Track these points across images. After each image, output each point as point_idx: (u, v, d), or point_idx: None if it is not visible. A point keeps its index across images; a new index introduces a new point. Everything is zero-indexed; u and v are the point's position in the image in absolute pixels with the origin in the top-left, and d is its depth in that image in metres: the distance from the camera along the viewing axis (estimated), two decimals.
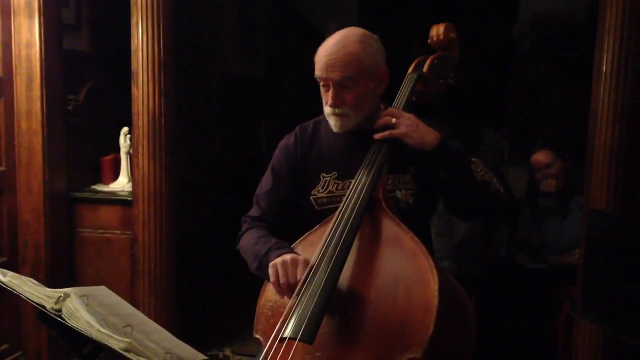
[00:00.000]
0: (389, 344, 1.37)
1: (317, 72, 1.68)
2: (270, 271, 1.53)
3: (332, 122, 1.71)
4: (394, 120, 1.64)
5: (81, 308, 1.11)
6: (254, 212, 1.86)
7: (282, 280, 1.50)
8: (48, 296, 1.16)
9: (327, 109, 1.71)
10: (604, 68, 2.26)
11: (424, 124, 1.65)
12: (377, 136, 1.65)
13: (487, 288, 3.16)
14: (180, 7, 2.80)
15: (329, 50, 1.66)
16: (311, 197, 1.79)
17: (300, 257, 1.53)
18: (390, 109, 1.69)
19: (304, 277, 1.47)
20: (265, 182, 1.87)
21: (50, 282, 2.82)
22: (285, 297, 1.52)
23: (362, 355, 1.39)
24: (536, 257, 3.20)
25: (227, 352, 3.32)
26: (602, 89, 2.28)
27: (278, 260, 1.53)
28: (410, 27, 7.41)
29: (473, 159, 1.67)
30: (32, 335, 2.86)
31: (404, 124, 1.63)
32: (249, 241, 1.77)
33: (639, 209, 2.69)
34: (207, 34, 4.32)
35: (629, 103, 2.24)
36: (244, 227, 1.85)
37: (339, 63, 1.63)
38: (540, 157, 3.23)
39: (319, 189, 1.78)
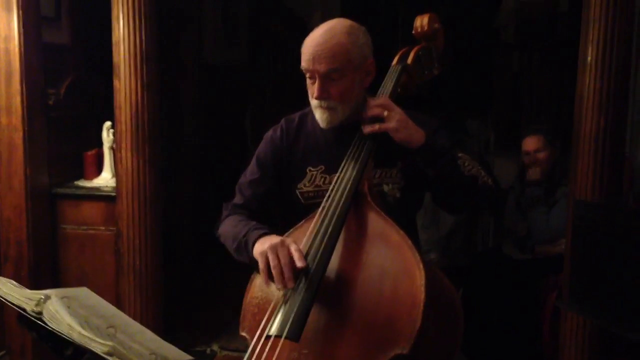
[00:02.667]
0: (376, 339, 1.36)
1: (303, 64, 1.65)
2: (260, 259, 1.47)
3: (319, 116, 1.68)
4: (385, 112, 1.60)
5: (62, 310, 1.08)
6: (236, 200, 1.83)
7: (273, 263, 1.42)
8: (28, 298, 1.13)
9: (313, 102, 1.68)
10: (589, 58, 2.26)
11: (412, 121, 1.63)
12: (366, 130, 1.61)
13: (474, 278, 3.17)
14: None
15: (315, 41, 1.62)
16: (297, 191, 1.77)
17: (288, 239, 1.48)
18: (382, 100, 1.64)
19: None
20: (250, 172, 1.84)
21: (34, 279, 2.79)
22: (273, 287, 1.46)
23: (349, 351, 1.37)
24: (523, 247, 3.21)
25: (215, 347, 3.31)
26: (587, 78, 2.28)
27: (266, 245, 1.47)
28: (393, 16, 7.39)
29: (459, 154, 1.66)
30: (17, 334, 2.83)
31: (395, 119, 1.59)
32: (229, 225, 1.73)
33: (625, 197, 2.70)
34: (187, 23, 4.28)
35: (614, 92, 2.24)
36: (224, 214, 1.82)
37: (326, 54, 1.60)
38: (531, 141, 3.22)
39: (305, 182, 1.76)
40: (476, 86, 6.56)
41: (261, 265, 1.46)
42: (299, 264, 1.39)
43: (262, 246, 1.49)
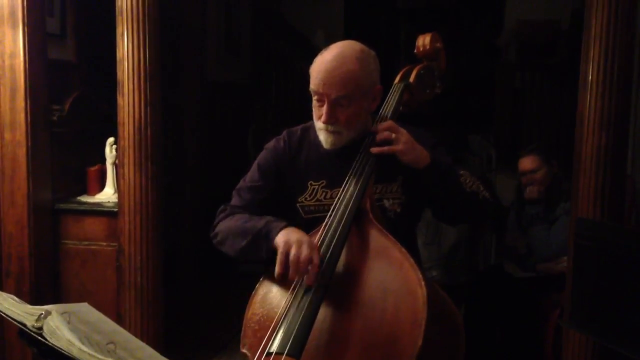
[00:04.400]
0: (377, 357, 1.36)
1: (313, 87, 1.65)
2: (282, 246, 1.49)
3: (324, 139, 1.69)
4: (393, 135, 1.62)
5: (63, 326, 1.08)
6: (235, 202, 1.81)
7: (293, 257, 1.45)
8: (29, 313, 1.13)
9: (319, 124, 1.68)
10: (590, 77, 2.27)
11: (417, 142, 1.65)
12: (374, 150, 1.63)
13: (476, 296, 3.16)
14: (164, 13, 2.77)
15: (326, 66, 1.62)
16: (298, 205, 1.76)
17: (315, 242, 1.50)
18: (389, 124, 1.66)
19: (289, 291, 1.46)
20: (250, 178, 1.82)
21: (35, 294, 2.79)
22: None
23: None
24: (524, 265, 3.20)
25: None
26: (588, 97, 2.29)
27: (294, 237, 1.49)
28: (396, 35, 7.45)
29: (461, 172, 1.69)
30: (17, 349, 2.82)
31: (402, 141, 1.62)
32: (236, 222, 1.71)
33: (627, 216, 2.70)
34: (190, 40, 4.31)
35: (615, 111, 2.25)
36: (223, 214, 1.79)
37: (337, 81, 1.60)
38: (527, 162, 3.23)
39: (306, 196, 1.76)
40: (478, 104, 6.60)
41: (281, 251, 1.49)
42: (313, 271, 1.43)
43: (289, 236, 1.51)
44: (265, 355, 1.38)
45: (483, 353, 3.02)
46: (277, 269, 1.49)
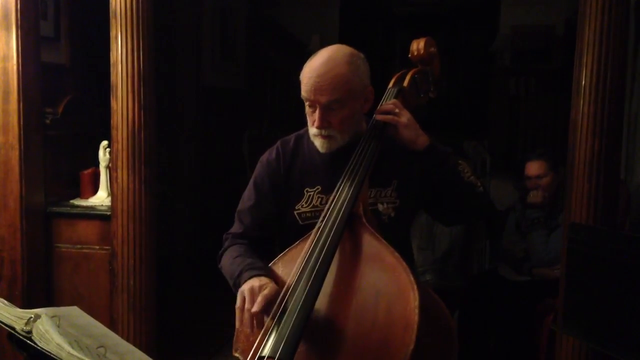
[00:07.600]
0: None
1: (304, 93, 1.65)
2: (238, 297, 1.52)
3: (319, 144, 1.69)
4: (397, 110, 1.66)
5: (52, 330, 1.07)
6: (236, 228, 1.83)
7: (247, 306, 1.47)
8: (18, 317, 1.12)
9: (313, 130, 1.68)
10: (583, 82, 2.28)
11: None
12: (379, 117, 1.67)
13: (470, 301, 3.15)
14: (159, 18, 2.77)
15: (316, 71, 1.62)
16: (295, 212, 1.77)
17: (271, 284, 1.51)
18: (394, 101, 1.71)
19: (281, 295, 1.46)
20: (248, 197, 1.84)
21: (27, 298, 2.77)
22: (247, 327, 1.48)
23: None
24: (520, 269, 3.19)
25: None
26: (581, 102, 2.29)
27: (246, 286, 1.51)
28: (392, 40, 7.46)
29: (459, 161, 1.71)
30: (8, 353, 2.81)
31: (406, 116, 1.66)
32: (228, 260, 1.74)
33: (620, 221, 2.70)
34: (186, 45, 4.32)
35: (609, 116, 2.26)
36: (225, 245, 1.82)
37: (327, 85, 1.60)
38: (534, 167, 3.20)
39: (303, 203, 1.76)
40: (473, 109, 6.62)
41: (238, 303, 1.51)
42: (255, 308, 1.45)
43: (244, 288, 1.53)
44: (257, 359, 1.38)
45: (477, 357, 3.01)
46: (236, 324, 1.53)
